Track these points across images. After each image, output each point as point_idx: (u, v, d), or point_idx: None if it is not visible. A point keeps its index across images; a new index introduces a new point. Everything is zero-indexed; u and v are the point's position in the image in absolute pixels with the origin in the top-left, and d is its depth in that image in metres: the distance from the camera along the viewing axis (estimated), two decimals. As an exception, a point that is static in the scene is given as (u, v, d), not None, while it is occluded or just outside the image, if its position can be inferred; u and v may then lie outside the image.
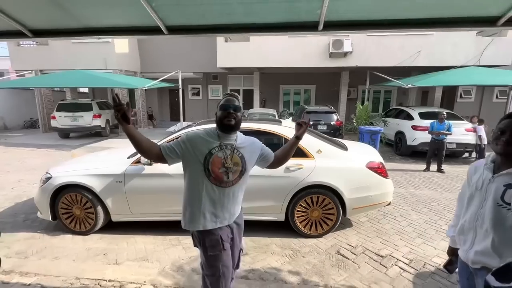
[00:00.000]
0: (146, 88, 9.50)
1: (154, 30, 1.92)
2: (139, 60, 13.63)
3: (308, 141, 3.41)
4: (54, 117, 10.46)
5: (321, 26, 1.75)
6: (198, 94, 15.20)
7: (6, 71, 15.54)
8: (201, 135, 1.61)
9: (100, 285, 2.49)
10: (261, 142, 1.83)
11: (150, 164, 3.22)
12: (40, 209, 3.47)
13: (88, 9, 1.74)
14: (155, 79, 11.65)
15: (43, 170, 6.69)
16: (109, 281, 2.54)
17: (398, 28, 1.73)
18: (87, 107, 10.70)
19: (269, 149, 1.85)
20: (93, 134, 11.48)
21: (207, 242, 1.60)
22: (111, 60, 11.73)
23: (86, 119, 10.56)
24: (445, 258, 2.99)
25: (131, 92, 13.33)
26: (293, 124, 3.93)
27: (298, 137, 1.82)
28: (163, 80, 10.43)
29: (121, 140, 10.71)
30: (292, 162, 3.30)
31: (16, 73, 12.40)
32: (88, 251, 3.10)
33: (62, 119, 10.43)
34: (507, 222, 1.21)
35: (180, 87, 10.59)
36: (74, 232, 3.46)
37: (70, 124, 10.51)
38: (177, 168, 2.18)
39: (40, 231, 3.57)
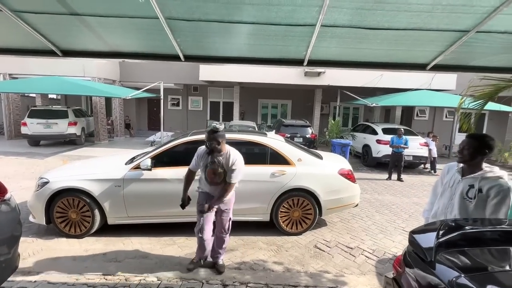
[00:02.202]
0: (129, 97, 9.55)
1: (173, 57, 2.36)
2: (118, 68, 13.55)
3: (290, 151, 3.96)
4: (25, 124, 10.00)
5: (305, 63, 2.33)
6: (178, 104, 15.36)
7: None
8: (202, 154, 2.72)
9: (106, 279, 2.71)
10: (237, 162, 2.67)
11: (150, 170, 3.52)
12: (34, 213, 3.56)
13: (123, 40, 2.14)
14: (135, 88, 11.68)
15: (17, 178, 6.51)
16: (114, 275, 2.78)
17: (360, 67, 2.36)
18: (62, 114, 10.40)
19: (235, 171, 2.68)
20: (66, 142, 11.10)
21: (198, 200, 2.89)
22: (90, 67, 11.59)
23: (61, 127, 10.24)
24: (400, 248, 3.65)
25: (107, 100, 13.13)
26: (277, 136, 4.48)
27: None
28: (146, 91, 10.56)
29: (97, 148, 10.51)
30: (276, 168, 3.82)
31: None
32: (86, 252, 3.27)
33: (34, 126, 10.00)
34: (468, 210, 1.84)
35: (162, 97, 10.78)
36: (69, 236, 3.58)
37: (43, 131, 10.11)
38: (175, 173, 2.73)
39: (32, 236, 3.63)
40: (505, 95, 2.64)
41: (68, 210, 3.55)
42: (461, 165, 1.97)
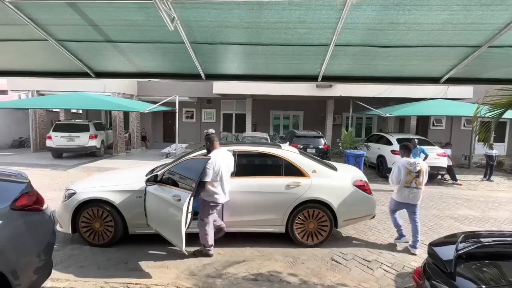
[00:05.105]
0: (147, 111, 9.99)
1: (195, 76, 2.53)
2: (136, 83, 14.19)
3: (304, 163, 4.02)
4: (50, 137, 10.59)
5: (320, 79, 2.44)
6: (192, 117, 15.78)
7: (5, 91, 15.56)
8: None
9: (128, 287, 2.82)
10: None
11: (170, 181, 3.66)
12: (62, 223, 3.76)
13: (151, 62, 2.34)
14: (152, 102, 12.18)
15: (42, 189, 6.82)
16: (136, 284, 2.88)
17: (372, 82, 2.44)
18: (84, 128, 10.95)
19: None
20: (87, 154, 11.60)
21: None
22: (110, 83, 12.22)
23: (83, 140, 10.77)
24: (420, 262, 3.56)
25: (125, 114, 13.71)
26: (291, 148, 4.56)
27: None
28: (162, 104, 11.00)
29: (115, 160, 10.91)
30: (291, 180, 3.87)
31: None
32: (109, 261, 3.41)
33: (58, 139, 10.58)
34: None
35: (177, 110, 11.17)
36: (92, 244, 3.75)
37: (66, 144, 10.66)
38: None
39: (58, 244, 3.81)
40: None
41: (93, 220, 3.73)
42: None
